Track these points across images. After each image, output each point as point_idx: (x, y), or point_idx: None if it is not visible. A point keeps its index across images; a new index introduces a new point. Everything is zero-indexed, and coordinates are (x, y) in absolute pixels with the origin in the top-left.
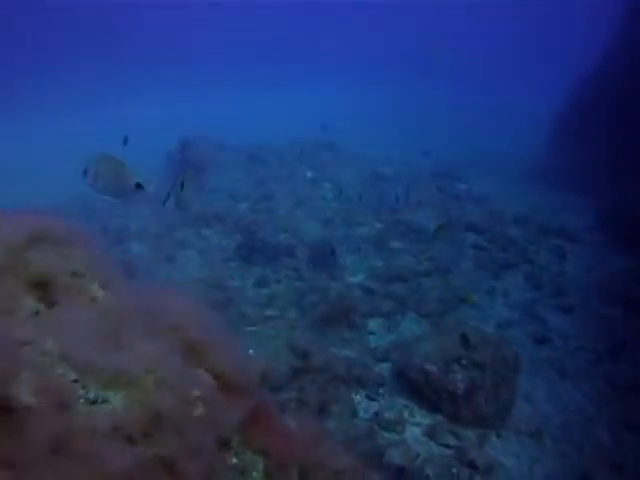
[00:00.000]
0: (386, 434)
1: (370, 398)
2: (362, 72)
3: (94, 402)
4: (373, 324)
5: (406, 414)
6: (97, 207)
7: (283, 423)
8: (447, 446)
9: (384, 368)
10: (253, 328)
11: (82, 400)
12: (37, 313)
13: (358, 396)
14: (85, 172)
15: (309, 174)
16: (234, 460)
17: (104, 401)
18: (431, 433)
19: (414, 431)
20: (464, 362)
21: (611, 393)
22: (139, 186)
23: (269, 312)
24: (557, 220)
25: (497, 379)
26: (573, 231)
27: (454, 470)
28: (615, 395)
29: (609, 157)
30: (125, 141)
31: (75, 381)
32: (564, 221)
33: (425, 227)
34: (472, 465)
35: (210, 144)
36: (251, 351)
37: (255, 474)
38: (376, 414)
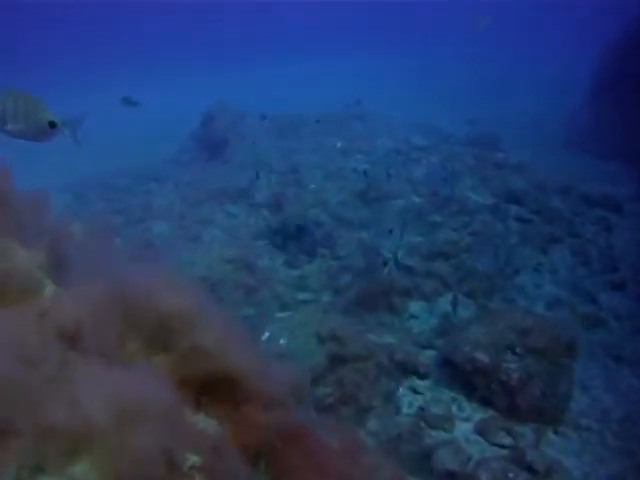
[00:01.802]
0: (433, 432)
1: (414, 390)
2: (393, 39)
3: None
4: (414, 306)
5: (454, 408)
6: (118, 185)
7: (318, 445)
8: (501, 446)
9: (429, 356)
10: (285, 314)
11: None
12: None
13: (401, 388)
14: None
15: (339, 144)
16: None
17: None
18: (483, 430)
19: (464, 428)
20: (518, 350)
21: None
22: (53, 125)
23: (302, 295)
24: (599, 189)
25: (553, 367)
26: (617, 201)
27: (511, 475)
28: None
29: None
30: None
31: None
32: (607, 190)
33: (466, 198)
34: (530, 468)
35: (235, 116)
36: (282, 341)
37: None
38: (421, 409)
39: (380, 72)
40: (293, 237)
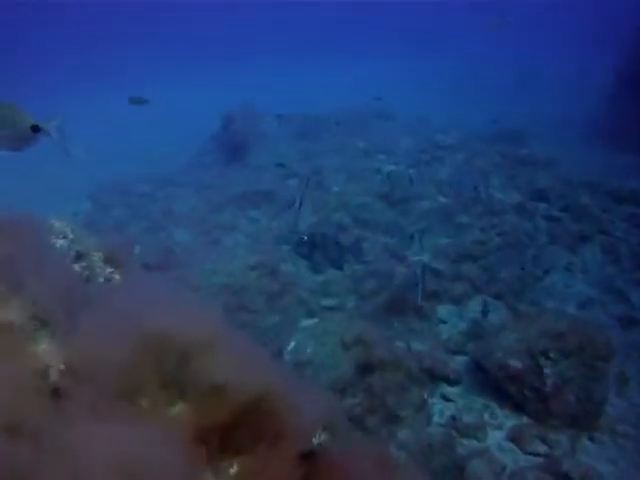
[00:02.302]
0: (465, 441)
1: (445, 398)
2: (413, 39)
3: None
4: (443, 311)
5: (487, 416)
6: (138, 191)
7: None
8: (536, 454)
9: (459, 362)
10: (310, 321)
11: None
12: None
13: (432, 397)
14: None
15: (361, 145)
16: None
17: None
18: (517, 438)
19: (497, 436)
20: (552, 354)
21: None
22: (36, 129)
23: (326, 302)
24: (627, 185)
25: (588, 371)
26: None
27: None
28: None
29: None
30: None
31: None
32: (635, 186)
33: (493, 197)
34: (567, 477)
35: (254, 118)
36: (309, 350)
37: None
38: (453, 418)
39: (400, 74)
40: (319, 246)
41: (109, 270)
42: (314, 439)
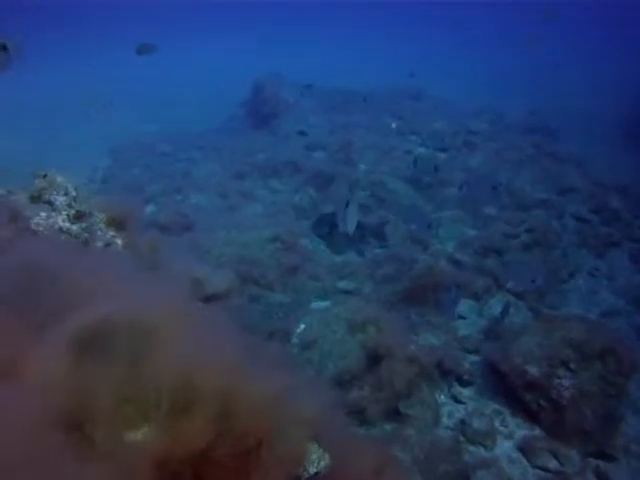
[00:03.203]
0: (473, 448)
1: (456, 399)
2: (455, 25)
3: None
4: (463, 306)
5: (497, 423)
6: (161, 151)
7: None
8: (545, 469)
9: (474, 362)
10: (323, 303)
11: None
12: None
13: (443, 396)
14: None
15: (394, 124)
16: None
17: None
18: (526, 449)
19: (506, 445)
20: (572, 365)
21: None
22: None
23: (343, 284)
24: None
25: (608, 386)
26: None
27: None
28: None
29: None
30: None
31: None
32: None
33: (523, 191)
34: None
35: (287, 87)
36: (318, 335)
37: None
38: (462, 422)
39: (437, 58)
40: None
41: (111, 234)
42: (311, 468)
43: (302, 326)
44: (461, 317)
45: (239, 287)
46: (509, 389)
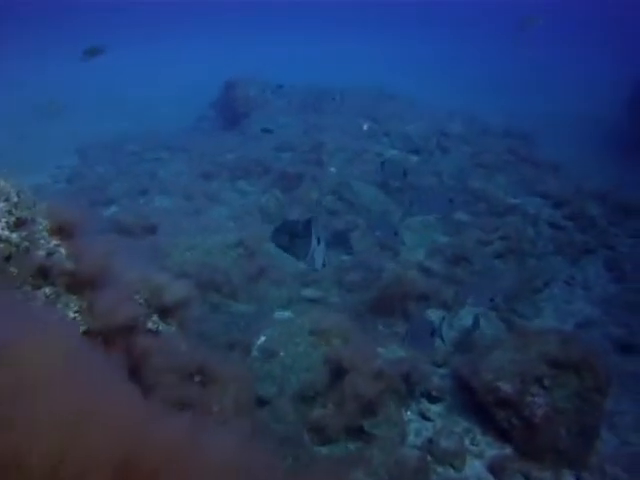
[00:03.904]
0: (441, 469)
1: (424, 416)
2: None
3: None
4: (432, 315)
5: (467, 441)
6: (129, 150)
7: None
8: None
9: (444, 376)
10: (286, 313)
11: None
12: None
13: (410, 413)
14: None
15: (365, 127)
16: None
17: None
18: (497, 470)
19: (476, 466)
20: (546, 382)
21: None
22: None
23: (308, 292)
24: (638, 198)
25: (583, 403)
26: None
27: None
28: None
29: None
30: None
31: None
32: None
33: (496, 196)
34: None
35: (257, 87)
36: (282, 354)
37: None
38: (430, 441)
39: (420, 60)
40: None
41: (54, 242)
42: None
43: (263, 338)
44: None
45: (198, 296)
46: (480, 406)
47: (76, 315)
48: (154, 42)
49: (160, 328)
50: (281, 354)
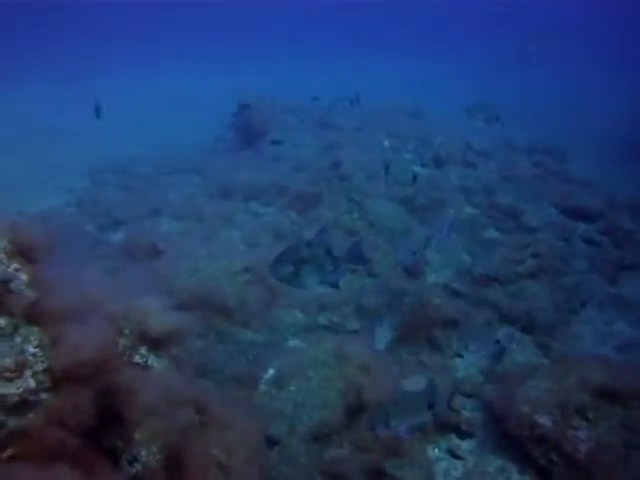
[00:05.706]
0: None
1: (453, 454)
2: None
3: None
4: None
5: None
6: (141, 173)
7: None
8: None
9: (474, 409)
10: (299, 342)
11: None
12: None
13: (437, 450)
14: None
15: (386, 143)
16: None
17: None
18: None
19: None
20: (590, 414)
21: None
22: None
23: (324, 319)
24: None
25: (631, 437)
26: None
27: None
28: None
29: None
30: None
31: None
32: None
33: (526, 213)
34: None
35: (273, 105)
36: (291, 383)
37: None
38: None
39: (447, 78)
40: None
41: (14, 266)
42: None
43: (271, 372)
44: (459, 355)
45: (197, 324)
46: (515, 441)
47: (36, 350)
48: (172, 66)
49: (149, 362)
50: (292, 389)
